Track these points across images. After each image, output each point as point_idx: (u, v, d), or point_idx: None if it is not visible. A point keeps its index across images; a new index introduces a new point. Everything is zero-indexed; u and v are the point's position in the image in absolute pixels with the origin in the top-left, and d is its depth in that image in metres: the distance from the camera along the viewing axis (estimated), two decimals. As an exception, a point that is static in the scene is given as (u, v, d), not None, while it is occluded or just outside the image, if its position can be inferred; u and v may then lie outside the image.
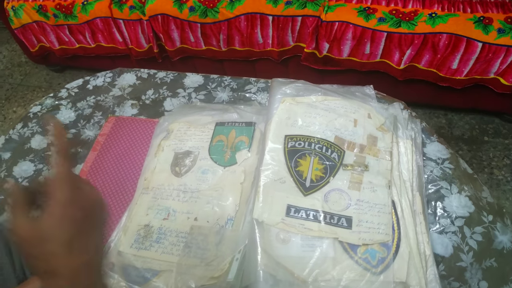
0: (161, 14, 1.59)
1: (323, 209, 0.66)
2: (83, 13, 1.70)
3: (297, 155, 0.73)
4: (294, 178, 0.70)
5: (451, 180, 0.75)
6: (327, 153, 0.73)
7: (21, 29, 1.89)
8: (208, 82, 0.99)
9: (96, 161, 0.86)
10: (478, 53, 1.31)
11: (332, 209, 0.67)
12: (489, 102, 1.57)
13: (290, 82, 0.85)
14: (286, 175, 0.71)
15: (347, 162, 0.73)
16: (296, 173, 0.71)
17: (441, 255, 0.66)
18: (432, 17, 1.33)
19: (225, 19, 1.53)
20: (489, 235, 0.67)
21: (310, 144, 0.74)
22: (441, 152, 0.79)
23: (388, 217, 0.66)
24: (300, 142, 0.74)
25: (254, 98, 0.94)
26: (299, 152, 0.73)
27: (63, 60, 2.04)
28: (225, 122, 0.84)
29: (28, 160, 0.88)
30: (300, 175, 0.71)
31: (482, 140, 1.67)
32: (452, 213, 0.70)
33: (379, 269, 0.61)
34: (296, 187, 0.69)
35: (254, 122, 0.83)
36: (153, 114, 0.94)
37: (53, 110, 0.98)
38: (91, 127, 0.93)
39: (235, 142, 0.80)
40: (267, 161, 0.72)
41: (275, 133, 0.75)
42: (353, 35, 1.41)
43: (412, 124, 0.80)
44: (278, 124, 0.77)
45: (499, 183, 1.53)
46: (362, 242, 0.63)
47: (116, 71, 1.06)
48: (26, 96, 2.21)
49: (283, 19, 1.48)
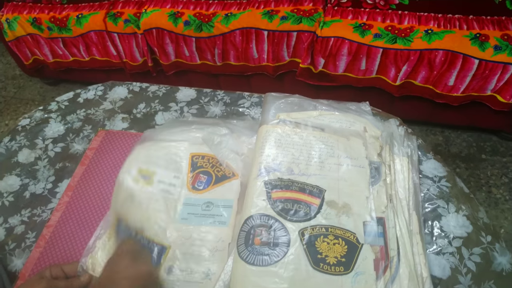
0: (155, 28, 1.59)
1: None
2: (77, 26, 1.69)
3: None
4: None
5: (448, 198, 0.73)
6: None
7: (15, 42, 1.88)
8: (201, 96, 0.97)
9: (83, 175, 0.83)
10: (475, 70, 1.30)
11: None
12: (486, 119, 1.56)
13: (284, 96, 0.83)
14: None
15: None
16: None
17: (438, 277, 0.64)
18: (428, 33, 1.33)
19: (220, 33, 1.53)
20: (487, 256, 0.65)
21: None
22: (437, 170, 0.77)
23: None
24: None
25: (247, 113, 0.92)
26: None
27: (57, 73, 2.03)
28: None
29: (15, 174, 0.86)
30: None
31: (479, 158, 1.66)
32: (449, 233, 0.68)
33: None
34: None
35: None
36: (144, 128, 0.92)
37: (42, 123, 0.96)
38: (80, 141, 0.91)
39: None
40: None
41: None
42: (349, 50, 1.41)
43: (408, 141, 0.79)
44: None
45: (497, 202, 1.51)
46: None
47: (108, 84, 1.04)
48: (19, 109, 2.18)
49: (279, 34, 1.48)
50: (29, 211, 0.78)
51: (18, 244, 0.73)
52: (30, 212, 0.78)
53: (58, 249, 0.72)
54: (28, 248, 0.73)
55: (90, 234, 0.73)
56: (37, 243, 0.73)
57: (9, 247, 0.73)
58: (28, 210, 0.79)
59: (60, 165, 0.86)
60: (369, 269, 0.60)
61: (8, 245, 0.73)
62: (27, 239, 0.74)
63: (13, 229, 0.76)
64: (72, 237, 0.73)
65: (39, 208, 0.79)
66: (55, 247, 0.72)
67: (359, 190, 0.68)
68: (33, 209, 0.79)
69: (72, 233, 0.73)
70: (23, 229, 0.76)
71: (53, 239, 0.73)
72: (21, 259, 0.71)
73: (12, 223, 0.77)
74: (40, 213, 0.78)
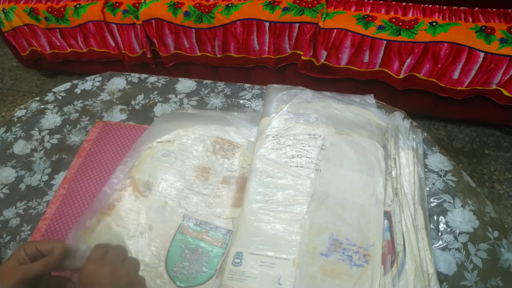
0: (155, 19, 1.56)
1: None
2: (75, 16, 1.66)
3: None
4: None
5: (454, 193, 0.71)
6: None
7: (11, 32, 1.85)
8: (201, 87, 0.95)
9: (80, 168, 0.81)
10: (480, 63, 1.29)
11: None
12: (490, 114, 1.54)
13: (286, 88, 0.82)
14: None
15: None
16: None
17: (444, 273, 0.62)
18: (433, 25, 1.31)
19: (221, 24, 1.50)
20: (494, 252, 0.64)
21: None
22: (443, 164, 0.76)
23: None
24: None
25: (249, 105, 0.90)
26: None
27: (55, 65, 2.00)
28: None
29: (10, 166, 0.84)
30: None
31: (482, 153, 1.64)
32: (455, 228, 0.67)
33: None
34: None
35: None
36: (143, 120, 0.90)
37: (38, 114, 0.93)
38: (77, 133, 0.89)
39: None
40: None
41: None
42: (352, 43, 1.39)
43: (414, 135, 0.77)
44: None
45: (501, 197, 1.49)
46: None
47: (106, 75, 1.02)
48: (16, 101, 2.16)
49: (280, 26, 1.45)
50: (25, 203, 0.77)
51: (13, 237, 0.72)
52: (26, 204, 0.76)
53: (54, 243, 0.70)
54: (23, 241, 0.71)
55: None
56: (32, 236, 0.71)
57: (4, 240, 0.71)
58: (24, 202, 0.77)
59: (56, 157, 0.84)
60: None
61: (3, 238, 0.72)
62: (22, 232, 0.72)
63: (8, 222, 0.74)
64: (68, 230, 0.71)
65: (35, 201, 0.77)
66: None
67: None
68: (29, 202, 0.77)
69: (68, 226, 0.72)
70: (18, 222, 0.74)
71: (49, 232, 0.71)
72: (15, 252, 0.70)
73: (7, 216, 0.75)
74: (36, 206, 0.76)
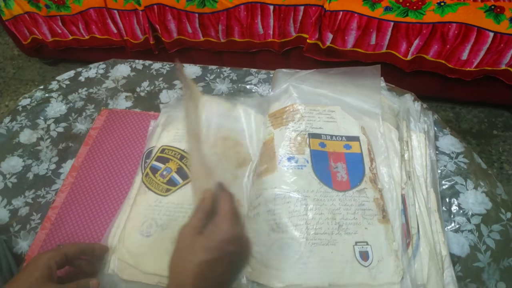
0: (157, 4, 1.54)
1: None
2: (76, 3, 1.64)
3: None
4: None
5: (466, 175, 0.71)
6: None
7: (12, 21, 1.83)
8: (206, 73, 0.94)
9: (88, 156, 0.81)
10: (489, 44, 1.26)
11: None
12: (498, 94, 1.52)
13: (295, 72, 0.80)
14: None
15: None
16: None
17: (457, 255, 0.62)
18: (441, 6, 1.28)
19: (224, 8, 1.48)
20: (507, 233, 0.64)
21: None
22: (454, 146, 0.75)
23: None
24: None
25: (255, 90, 0.89)
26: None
27: (57, 53, 1.99)
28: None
29: (17, 155, 0.83)
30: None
31: (491, 134, 1.63)
32: (468, 210, 0.66)
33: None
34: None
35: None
36: (149, 106, 0.89)
37: (43, 103, 0.93)
38: (83, 121, 0.88)
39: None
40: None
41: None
42: (358, 25, 1.36)
43: (425, 117, 0.76)
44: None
45: (509, 178, 1.49)
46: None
47: (110, 62, 1.01)
48: (18, 90, 2.15)
49: (285, 9, 1.43)
50: (33, 192, 0.76)
51: (23, 226, 0.72)
52: (34, 193, 0.76)
53: (65, 231, 0.70)
54: (33, 230, 0.71)
55: (96, 215, 0.71)
56: (42, 225, 0.71)
57: (14, 229, 0.71)
58: (32, 191, 0.77)
59: (63, 146, 0.84)
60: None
61: (13, 227, 0.72)
62: (32, 221, 0.72)
63: (17, 211, 0.74)
64: (78, 218, 0.71)
65: (43, 189, 0.77)
66: (61, 229, 0.70)
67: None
68: (37, 191, 0.77)
69: (78, 214, 0.71)
70: (28, 211, 0.74)
71: (59, 221, 0.71)
72: (26, 241, 0.70)
73: (16, 205, 0.75)
74: (45, 194, 0.76)
